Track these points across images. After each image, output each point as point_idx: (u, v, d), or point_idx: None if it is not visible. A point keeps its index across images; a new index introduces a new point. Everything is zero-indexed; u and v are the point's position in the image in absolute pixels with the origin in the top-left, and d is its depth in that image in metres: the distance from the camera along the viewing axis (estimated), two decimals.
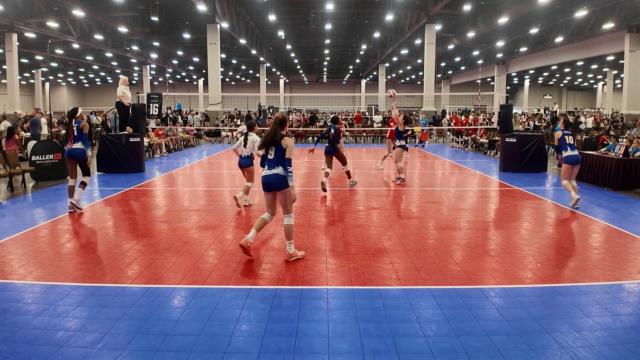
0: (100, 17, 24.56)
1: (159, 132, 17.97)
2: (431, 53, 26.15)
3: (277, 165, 5.14)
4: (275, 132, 5.18)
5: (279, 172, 5.12)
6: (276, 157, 5.15)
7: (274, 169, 5.14)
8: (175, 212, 7.81)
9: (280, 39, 34.88)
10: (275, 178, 5.13)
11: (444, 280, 4.69)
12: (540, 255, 5.49)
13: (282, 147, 5.13)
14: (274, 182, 5.14)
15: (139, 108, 13.31)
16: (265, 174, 5.19)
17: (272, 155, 5.18)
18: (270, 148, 5.20)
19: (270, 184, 5.16)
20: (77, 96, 64.10)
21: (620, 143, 10.51)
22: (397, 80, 61.27)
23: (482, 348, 3.39)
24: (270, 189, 5.21)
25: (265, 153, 5.25)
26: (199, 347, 3.41)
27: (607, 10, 22.41)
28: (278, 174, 5.12)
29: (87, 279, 4.70)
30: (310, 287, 4.53)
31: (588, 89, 62.31)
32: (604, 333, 3.62)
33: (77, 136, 7.73)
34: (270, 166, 5.17)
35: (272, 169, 5.15)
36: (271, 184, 5.16)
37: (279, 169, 5.13)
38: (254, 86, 56.24)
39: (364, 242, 5.99)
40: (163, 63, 41.49)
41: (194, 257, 5.38)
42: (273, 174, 5.13)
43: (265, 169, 5.22)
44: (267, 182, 5.18)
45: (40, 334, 3.58)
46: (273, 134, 5.18)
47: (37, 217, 7.53)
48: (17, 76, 25.83)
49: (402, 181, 10.49)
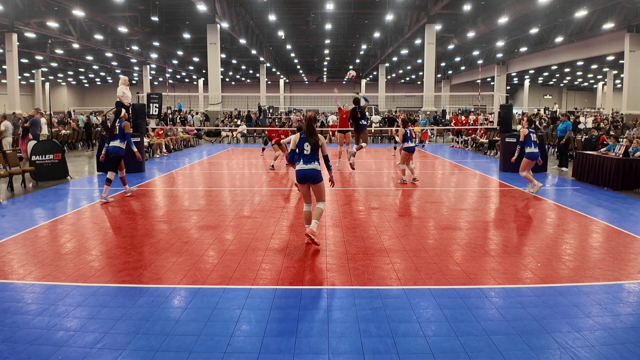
0: (100, 17, 24.55)
1: (159, 132, 17.97)
2: (431, 53, 26.14)
3: (313, 160, 5.70)
4: (313, 130, 5.75)
5: (315, 167, 5.69)
6: (312, 153, 5.71)
7: (311, 164, 5.69)
8: (175, 212, 7.81)
9: (280, 39, 34.87)
10: (314, 172, 5.69)
11: (444, 280, 4.69)
12: (540, 255, 5.49)
13: (318, 144, 5.72)
14: (308, 176, 5.69)
15: (139, 108, 13.31)
16: (303, 168, 5.69)
17: (307, 151, 5.70)
18: (306, 144, 5.71)
19: (311, 177, 5.68)
20: (77, 96, 64.06)
21: (620, 143, 10.50)
22: (397, 80, 61.28)
23: (482, 348, 3.39)
24: (306, 181, 5.72)
25: (302, 149, 5.73)
26: (199, 347, 3.41)
27: (607, 10, 22.40)
28: (314, 168, 5.69)
29: (87, 279, 4.70)
30: (310, 287, 4.53)
31: (588, 89, 62.30)
32: (604, 333, 3.62)
33: (118, 134, 8.57)
34: (307, 161, 5.69)
35: (308, 164, 5.69)
36: (306, 177, 5.69)
37: (315, 163, 5.69)
38: (254, 86, 56.22)
39: (364, 242, 5.99)
40: (163, 63, 41.48)
41: (194, 257, 5.38)
42: (311, 169, 5.68)
43: (301, 164, 5.71)
44: (306, 176, 5.70)
45: (40, 334, 3.58)
46: (311, 132, 5.72)
47: (37, 217, 7.53)
48: (17, 76, 25.81)
49: (403, 182, 10.50)
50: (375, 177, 11.87)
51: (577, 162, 11.32)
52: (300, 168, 5.72)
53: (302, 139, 5.75)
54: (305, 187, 5.80)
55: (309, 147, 5.70)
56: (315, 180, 5.69)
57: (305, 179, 5.71)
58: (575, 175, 11.36)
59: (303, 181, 5.74)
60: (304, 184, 5.78)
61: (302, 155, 5.73)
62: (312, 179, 5.67)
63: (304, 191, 5.86)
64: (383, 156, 16.99)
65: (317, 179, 5.69)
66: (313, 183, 5.71)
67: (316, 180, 5.69)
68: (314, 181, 5.69)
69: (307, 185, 5.77)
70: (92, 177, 11.77)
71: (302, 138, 5.75)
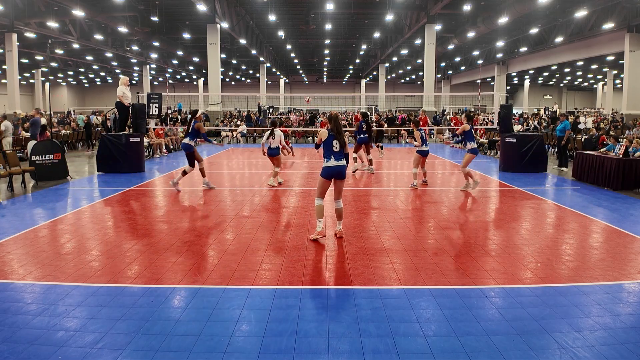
0: (100, 17, 24.55)
1: (159, 132, 17.97)
2: (431, 53, 26.14)
3: (342, 157, 5.96)
4: (340, 127, 6.01)
5: (344, 163, 5.95)
6: (341, 150, 5.95)
7: (340, 161, 5.93)
8: (175, 212, 7.81)
9: (280, 39, 34.86)
10: (343, 169, 5.96)
11: (444, 280, 4.69)
12: (540, 255, 5.49)
13: (346, 142, 5.99)
14: (340, 172, 5.94)
15: (139, 108, 13.31)
16: (335, 165, 5.90)
17: (337, 149, 5.92)
18: (335, 142, 5.93)
19: (341, 173, 5.94)
20: (77, 96, 64.05)
21: (620, 143, 10.50)
22: (397, 80, 61.27)
23: (482, 348, 3.39)
24: (333, 177, 5.96)
25: (331, 146, 5.93)
26: (199, 347, 3.41)
27: (607, 10, 22.40)
28: (343, 165, 5.95)
29: (87, 279, 4.70)
30: (310, 287, 4.53)
31: (588, 89, 62.30)
32: (604, 333, 3.62)
33: (191, 133, 9.42)
34: (337, 158, 5.92)
35: (339, 161, 5.92)
36: (337, 173, 5.94)
37: (343, 160, 5.96)
38: (254, 86, 56.22)
39: (364, 242, 5.99)
40: (163, 63, 41.48)
41: (194, 257, 5.38)
42: (342, 165, 5.93)
43: (332, 160, 5.91)
44: (338, 172, 5.92)
45: (40, 334, 3.58)
46: (339, 130, 5.97)
47: (37, 217, 7.53)
48: (17, 76, 25.81)
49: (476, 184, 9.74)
50: (375, 176, 11.86)
51: (577, 162, 11.32)
52: (331, 165, 5.92)
53: (331, 136, 5.97)
54: (328, 183, 6.01)
55: (337, 145, 5.93)
56: (342, 176, 5.99)
57: (333, 175, 5.94)
58: (575, 175, 11.36)
59: (331, 177, 5.96)
60: (329, 180, 5.98)
61: (331, 152, 5.93)
62: (340, 174, 5.96)
63: (326, 187, 6.04)
64: (386, 155, 16.99)
65: (344, 175, 6.00)
66: (340, 179, 5.99)
67: (343, 176, 6.00)
68: (341, 177, 5.98)
69: (331, 181, 6.00)
70: (92, 177, 11.77)
71: (331, 135, 5.98)
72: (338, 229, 6.19)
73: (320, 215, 6.07)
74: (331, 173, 5.94)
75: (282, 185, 10.26)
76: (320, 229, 6.07)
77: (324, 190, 6.06)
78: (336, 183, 6.04)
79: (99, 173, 12.28)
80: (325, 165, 5.95)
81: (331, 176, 5.96)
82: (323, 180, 5.99)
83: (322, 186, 6.03)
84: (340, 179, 6.01)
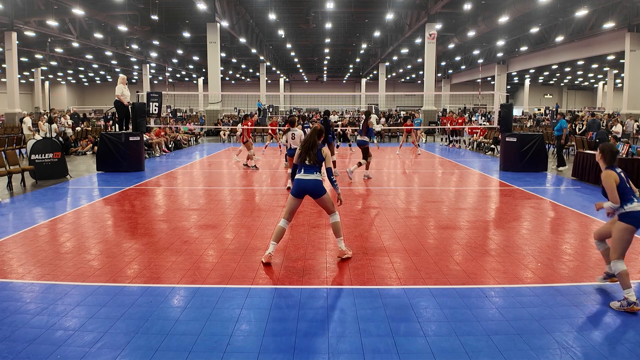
0: (100, 15, 24.52)
1: (160, 133, 17.97)
2: (431, 52, 26.12)
3: (314, 171, 5.12)
4: (314, 141, 5.18)
5: (317, 177, 5.11)
6: (315, 165, 5.13)
7: (312, 175, 5.12)
8: (174, 211, 7.80)
9: (280, 37, 34.83)
10: (313, 184, 5.09)
11: (444, 279, 4.68)
12: (540, 255, 5.49)
13: (322, 156, 5.16)
14: (311, 187, 5.09)
15: (138, 107, 13.29)
16: (303, 178, 5.12)
17: (309, 162, 5.13)
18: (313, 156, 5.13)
19: (307, 189, 5.11)
20: (77, 95, 64.04)
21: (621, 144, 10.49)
22: (397, 80, 61.24)
23: (482, 348, 3.38)
24: (304, 194, 5.14)
25: (302, 160, 5.17)
26: (198, 346, 3.40)
27: (608, 9, 22.38)
28: (316, 179, 5.10)
29: (86, 278, 4.69)
30: (310, 286, 4.52)
31: (588, 89, 62.29)
32: (604, 333, 3.61)
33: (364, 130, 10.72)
34: (308, 171, 5.13)
35: (310, 174, 5.12)
36: (307, 189, 5.11)
37: (317, 174, 5.12)
38: (254, 85, 56.19)
39: (364, 241, 5.98)
40: (163, 62, 41.44)
41: (194, 257, 5.37)
42: (312, 179, 5.10)
43: (301, 174, 5.15)
44: (304, 187, 5.10)
45: (39, 333, 3.57)
46: (313, 143, 5.16)
47: (37, 216, 7.52)
48: (17, 75, 25.79)
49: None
50: (375, 176, 11.85)
51: (577, 162, 11.31)
52: (300, 177, 5.21)
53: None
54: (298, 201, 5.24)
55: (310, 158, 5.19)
56: (317, 191, 5.14)
57: (304, 191, 5.17)
58: (576, 175, 11.36)
59: (301, 194, 5.19)
60: (299, 198, 5.22)
61: (304, 166, 5.21)
62: (313, 190, 5.13)
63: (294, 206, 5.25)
64: (385, 155, 16.98)
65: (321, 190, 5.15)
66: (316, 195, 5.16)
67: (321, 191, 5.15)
68: (316, 193, 5.13)
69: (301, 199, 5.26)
70: (91, 176, 11.76)
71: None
72: (339, 248, 5.30)
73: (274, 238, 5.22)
74: (299, 187, 5.12)
75: (282, 185, 10.24)
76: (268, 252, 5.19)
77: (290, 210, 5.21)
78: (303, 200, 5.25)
79: (99, 172, 12.26)
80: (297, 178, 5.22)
81: (299, 192, 5.14)
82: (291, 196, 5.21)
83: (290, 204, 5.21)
84: (315, 196, 5.14)
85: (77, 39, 28.12)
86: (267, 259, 5.12)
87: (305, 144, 5.20)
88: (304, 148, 5.18)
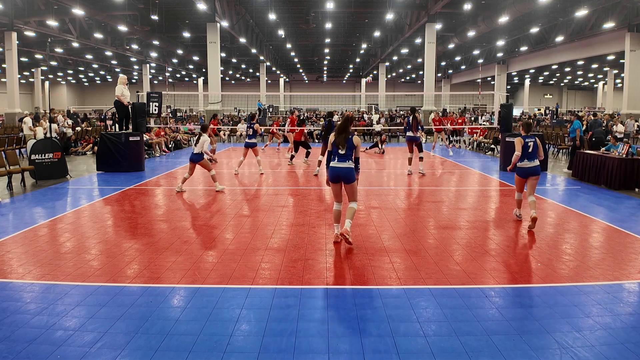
0: (100, 15, 24.52)
1: (160, 133, 17.97)
2: (431, 52, 26.12)
3: (347, 159, 5.66)
4: (346, 127, 5.70)
5: (350, 165, 5.65)
6: (347, 153, 5.66)
7: (345, 162, 5.65)
8: (174, 211, 7.80)
9: (280, 37, 34.82)
10: (346, 171, 5.64)
11: (444, 279, 4.68)
12: (540, 255, 5.49)
13: (353, 144, 5.68)
14: (344, 174, 5.64)
15: (138, 107, 13.29)
16: (336, 166, 5.65)
17: (342, 151, 5.65)
18: (343, 141, 5.65)
19: (340, 176, 5.66)
20: (77, 95, 64.01)
21: (621, 144, 10.48)
22: (397, 80, 61.22)
23: (482, 348, 3.38)
24: (339, 180, 5.69)
25: (337, 145, 5.67)
26: (198, 346, 3.40)
27: (608, 9, 22.38)
28: (349, 167, 5.64)
29: (86, 278, 4.69)
30: (310, 286, 4.52)
31: (588, 89, 62.28)
32: (604, 333, 3.61)
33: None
34: (341, 160, 5.65)
35: (343, 162, 5.65)
36: (341, 176, 5.66)
37: (349, 162, 5.65)
38: (254, 85, 56.18)
39: (364, 241, 5.98)
40: (163, 62, 41.44)
41: (194, 257, 5.37)
42: (345, 167, 5.64)
43: (335, 162, 5.68)
44: (338, 174, 5.66)
45: (39, 333, 3.57)
46: (344, 128, 5.69)
47: (37, 216, 7.52)
48: (17, 75, 25.78)
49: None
50: (375, 176, 11.85)
51: (578, 162, 11.31)
52: (333, 165, 5.73)
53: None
54: (338, 185, 5.80)
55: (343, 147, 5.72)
56: (348, 178, 5.68)
57: (338, 177, 5.71)
58: (576, 175, 11.35)
59: (336, 180, 5.74)
60: (336, 183, 5.77)
61: (337, 154, 5.72)
62: (345, 176, 5.67)
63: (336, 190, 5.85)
64: (386, 155, 16.99)
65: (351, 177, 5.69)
66: (346, 182, 5.69)
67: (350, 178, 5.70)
68: (347, 179, 5.68)
69: (340, 184, 5.77)
70: (91, 176, 11.76)
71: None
72: (340, 228, 5.86)
73: (335, 220, 5.95)
74: (333, 174, 5.71)
75: (282, 185, 10.24)
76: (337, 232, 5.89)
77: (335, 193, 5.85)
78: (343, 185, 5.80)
79: (99, 172, 12.26)
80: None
81: (335, 178, 5.72)
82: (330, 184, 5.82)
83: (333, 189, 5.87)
84: (346, 182, 5.71)
85: (77, 39, 28.12)
86: (336, 238, 5.87)
87: (338, 129, 5.73)
88: (337, 132, 5.70)
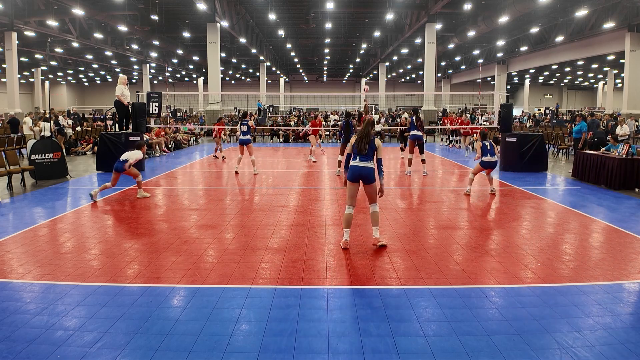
0: (100, 15, 24.52)
1: (160, 133, 17.96)
2: (431, 52, 26.12)
3: (368, 159, 5.60)
4: (368, 131, 5.66)
5: (371, 165, 5.59)
6: (368, 153, 5.63)
7: (366, 162, 5.58)
8: (174, 211, 7.80)
9: (280, 37, 34.83)
10: (367, 171, 5.56)
11: (444, 279, 4.68)
12: (540, 255, 5.49)
13: (374, 145, 5.65)
14: (365, 174, 5.55)
15: (138, 107, 13.29)
16: (357, 165, 5.57)
17: (365, 151, 5.60)
18: (364, 145, 5.60)
19: (361, 176, 5.56)
20: (77, 95, 64.00)
21: (621, 144, 10.48)
22: (397, 80, 61.22)
23: (482, 348, 3.38)
24: (358, 180, 5.60)
25: (358, 149, 5.61)
26: (198, 346, 3.40)
27: (608, 9, 22.38)
28: (370, 167, 5.58)
29: (86, 278, 4.69)
30: (310, 286, 4.52)
31: (589, 89, 62.28)
32: (604, 333, 3.61)
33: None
34: (363, 159, 5.59)
35: (364, 162, 5.58)
36: (362, 176, 5.56)
37: (370, 162, 5.60)
38: (254, 85, 56.18)
39: (364, 242, 5.98)
40: (163, 62, 41.44)
41: (194, 257, 5.37)
42: (367, 167, 5.57)
43: (356, 161, 5.60)
44: (359, 173, 5.55)
45: (39, 333, 3.57)
46: (367, 133, 5.65)
47: (37, 216, 7.52)
48: (17, 75, 25.79)
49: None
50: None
51: (577, 162, 11.31)
52: (354, 164, 5.62)
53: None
54: (355, 186, 5.64)
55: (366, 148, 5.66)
56: (369, 179, 5.58)
57: (359, 177, 5.58)
58: (576, 175, 11.35)
59: (356, 179, 5.60)
60: (355, 183, 5.62)
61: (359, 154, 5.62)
62: (366, 177, 5.56)
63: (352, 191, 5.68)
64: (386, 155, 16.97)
65: (371, 178, 5.58)
66: (367, 182, 5.59)
67: (371, 179, 5.58)
68: (368, 180, 5.57)
69: (358, 184, 5.64)
70: (91, 176, 11.75)
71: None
72: (373, 236, 5.76)
73: (346, 225, 5.71)
74: (355, 173, 5.56)
75: (282, 185, 10.24)
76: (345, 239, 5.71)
77: (351, 195, 5.66)
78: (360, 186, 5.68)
79: (99, 172, 12.26)
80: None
81: (355, 178, 5.57)
82: (349, 183, 5.64)
83: (349, 190, 5.67)
84: (367, 183, 5.59)
85: (77, 39, 28.12)
86: (345, 244, 5.69)
87: (360, 133, 5.69)
88: (359, 136, 5.67)
